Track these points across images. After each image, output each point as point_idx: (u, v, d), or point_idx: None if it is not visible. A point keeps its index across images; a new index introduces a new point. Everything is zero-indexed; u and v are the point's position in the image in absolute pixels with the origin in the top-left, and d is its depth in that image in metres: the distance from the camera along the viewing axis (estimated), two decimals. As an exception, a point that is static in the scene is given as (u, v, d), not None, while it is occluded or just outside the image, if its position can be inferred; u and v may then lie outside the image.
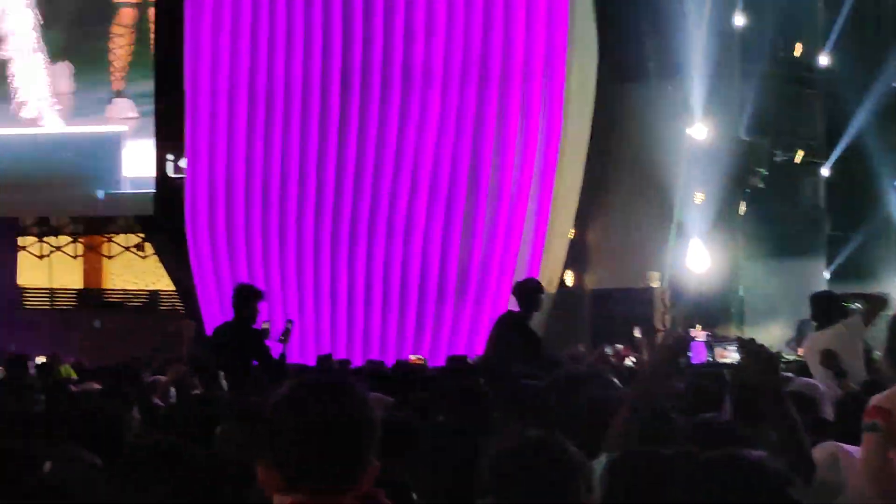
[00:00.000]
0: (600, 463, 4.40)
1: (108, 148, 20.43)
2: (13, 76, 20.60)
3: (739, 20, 18.54)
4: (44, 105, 20.45)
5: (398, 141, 18.04)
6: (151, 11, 20.57)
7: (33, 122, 20.52)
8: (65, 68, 20.47)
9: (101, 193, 20.06)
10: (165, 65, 19.93)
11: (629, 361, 12.06)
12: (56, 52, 20.53)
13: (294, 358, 16.45)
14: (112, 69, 20.62)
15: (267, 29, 18.56)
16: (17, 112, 20.58)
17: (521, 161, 17.79)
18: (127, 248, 24.82)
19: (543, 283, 11.25)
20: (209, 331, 13.26)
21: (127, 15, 20.64)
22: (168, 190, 20.12)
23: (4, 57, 20.63)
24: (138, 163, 20.39)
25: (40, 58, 20.45)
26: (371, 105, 18.13)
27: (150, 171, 20.26)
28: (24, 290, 24.21)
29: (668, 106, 18.40)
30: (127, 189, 20.50)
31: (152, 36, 20.52)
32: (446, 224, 17.96)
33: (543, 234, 17.79)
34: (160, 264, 22.82)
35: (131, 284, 26.40)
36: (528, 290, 9.99)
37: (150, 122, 20.37)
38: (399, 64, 18.03)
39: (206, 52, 18.74)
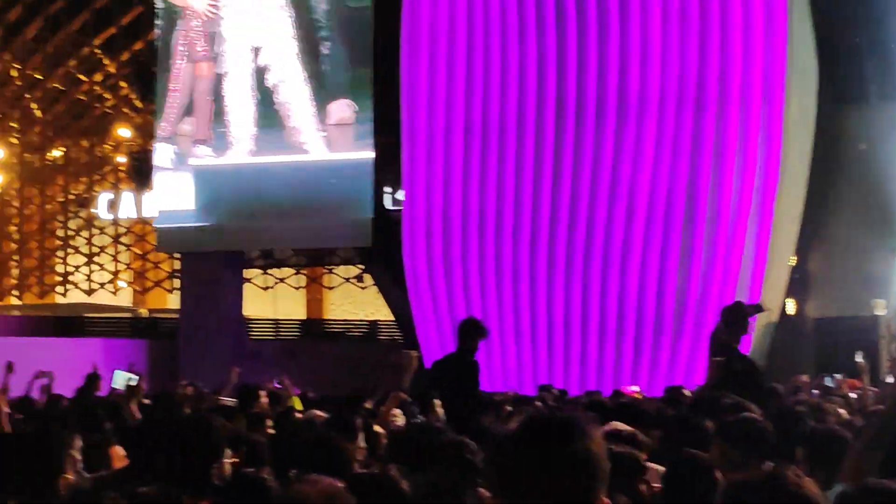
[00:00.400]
0: (832, 493, 4.31)
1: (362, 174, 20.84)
2: (281, 104, 21.27)
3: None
4: (310, 133, 21.02)
5: (613, 168, 17.98)
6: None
7: (300, 148, 21.13)
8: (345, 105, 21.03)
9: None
10: (383, 99, 20.29)
11: (853, 393, 11.73)
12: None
13: (512, 387, 16.57)
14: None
15: (482, 63, 18.75)
16: (287, 138, 21.21)
17: (740, 187, 17.53)
18: (347, 280, 25.32)
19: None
20: (427, 360, 13.43)
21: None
22: (386, 222, 20.47)
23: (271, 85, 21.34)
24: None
25: (305, 89, 21.06)
26: (586, 133, 18.13)
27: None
28: (249, 320, 24.93)
29: (891, 128, 17.91)
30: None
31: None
32: (663, 252, 17.80)
33: (764, 261, 17.47)
34: (378, 296, 23.21)
35: (351, 315, 26.91)
36: (736, 313, 9.83)
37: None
38: (614, 92, 17.99)
39: (422, 87, 19.04)
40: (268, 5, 21.23)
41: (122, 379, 10.34)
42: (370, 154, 20.51)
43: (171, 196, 22.04)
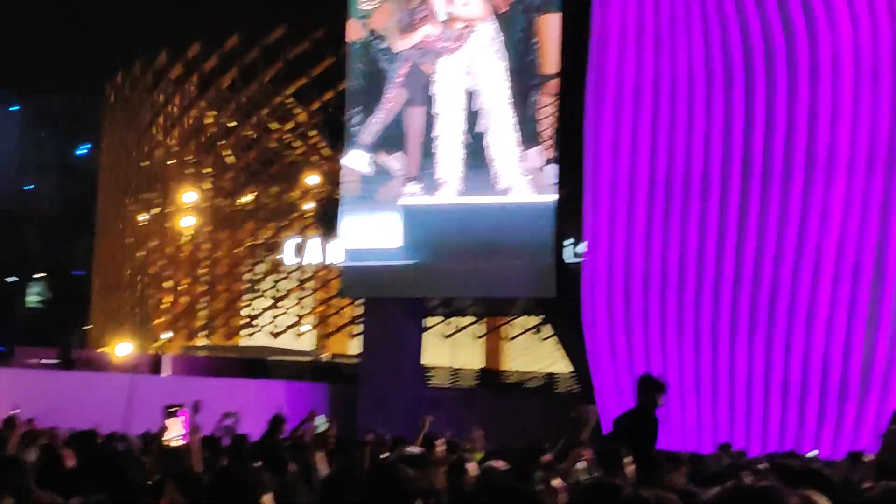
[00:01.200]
0: None
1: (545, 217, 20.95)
2: (488, 148, 21.62)
3: None
4: (514, 177, 21.31)
5: (800, 227, 17.70)
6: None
7: (504, 192, 21.41)
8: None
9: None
10: (567, 150, 20.39)
11: None
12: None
13: (690, 445, 16.36)
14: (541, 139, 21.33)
15: (668, 117, 18.70)
16: (493, 182, 21.52)
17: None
18: (526, 331, 25.39)
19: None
20: (604, 416, 13.38)
21: (553, 85, 21.36)
22: (567, 274, 20.49)
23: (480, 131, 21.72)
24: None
25: (512, 136, 21.40)
26: (772, 192, 17.90)
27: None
28: (428, 368, 25.15)
29: None
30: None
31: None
32: (850, 313, 17.42)
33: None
34: (556, 347, 23.21)
35: (529, 366, 26.95)
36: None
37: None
38: (802, 150, 17.74)
39: (607, 140, 19.06)
40: (484, 52, 21.58)
41: (321, 423, 10.55)
42: (554, 197, 20.65)
43: (361, 235, 22.32)
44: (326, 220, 27.01)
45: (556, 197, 20.71)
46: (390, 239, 21.75)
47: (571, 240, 21.19)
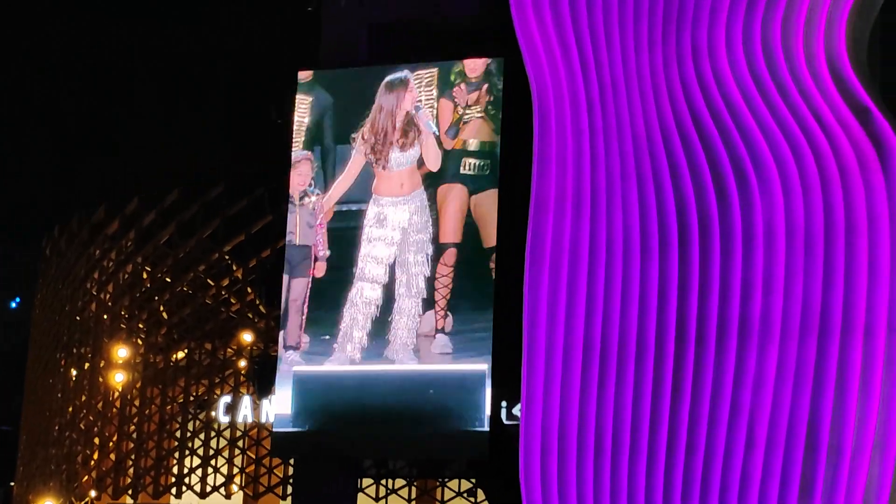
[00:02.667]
0: None
1: (472, 386, 20.94)
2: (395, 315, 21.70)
3: None
4: (406, 345, 21.37)
5: (734, 396, 17.80)
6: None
7: (393, 361, 21.41)
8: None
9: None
10: (502, 313, 20.48)
11: None
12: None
13: None
14: (437, 308, 21.38)
15: (603, 283, 18.85)
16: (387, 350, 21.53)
17: (863, 419, 17.20)
18: (459, 494, 25.10)
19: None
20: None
21: (450, 254, 21.50)
22: (502, 436, 20.37)
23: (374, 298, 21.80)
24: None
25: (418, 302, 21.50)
26: (706, 358, 18.02)
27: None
28: (359, 530, 24.74)
29: None
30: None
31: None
32: (783, 484, 17.45)
33: (886, 498, 17.01)
34: (491, 511, 22.95)
35: (461, 530, 26.54)
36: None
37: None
38: (736, 317, 17.93)
39: (543, 304, 19.15)
40: (405, 223, 21.80)
41: None
42: (483, 366, 20.67)
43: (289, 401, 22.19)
44: (260, 379, 26.80)
45: (482, 364, 20.76)
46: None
47: (505, 403, 21.16)
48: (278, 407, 22.51)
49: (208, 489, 29.03)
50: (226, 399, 28.44)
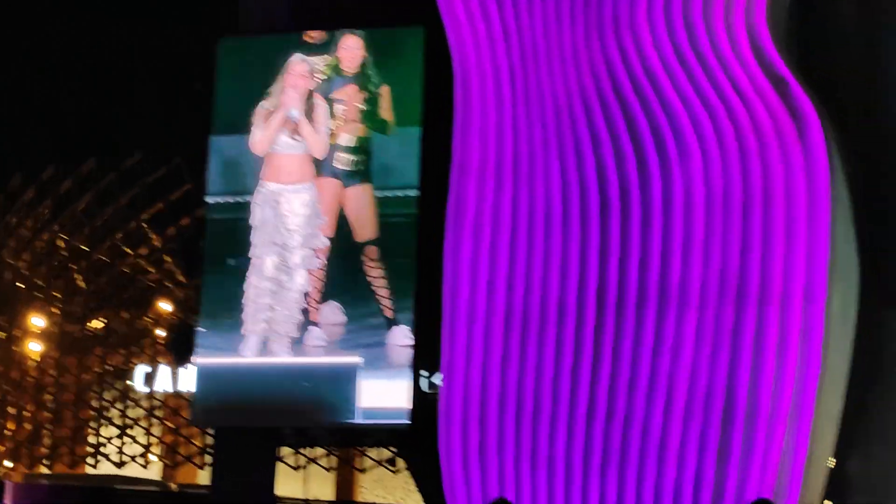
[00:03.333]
0: None
1: (344, 379, 20.88)
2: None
3: None
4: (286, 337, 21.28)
5: (653, 363, 17.95)
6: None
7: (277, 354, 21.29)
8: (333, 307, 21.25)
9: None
10: (424, 287, 20.46)
11: None
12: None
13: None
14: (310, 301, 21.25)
15: (524, 250, 18.92)
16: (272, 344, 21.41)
17: (779, 386, 17.43)
18: (379, 463, 25.17)
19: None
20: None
21: (372, 250, 21.39)
22: (422, 404, 20.40)
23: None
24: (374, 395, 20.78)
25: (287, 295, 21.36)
26: (626, 326, 18.16)
27: (385, 403, 20.53)
28: (280, 499, 24.69)
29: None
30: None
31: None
32: (701, 450, 17.63)
33: (802, 462, 17.27)
34: (409, 479, 23.01)
35: (381, 499, 26.65)
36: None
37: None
38: (655, 285, 18.08)
39: (464, 272, 19.19)
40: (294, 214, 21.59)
41: None
42: (356, 359, 20.66)
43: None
44: (178, 348, 26.63)
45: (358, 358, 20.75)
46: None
47: (426, 373, 21.18)
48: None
49: (125, 459, 28.83)
50: (144, 368, 28.22)
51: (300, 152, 21.57)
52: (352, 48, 21.71)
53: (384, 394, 20.49)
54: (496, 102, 19.54)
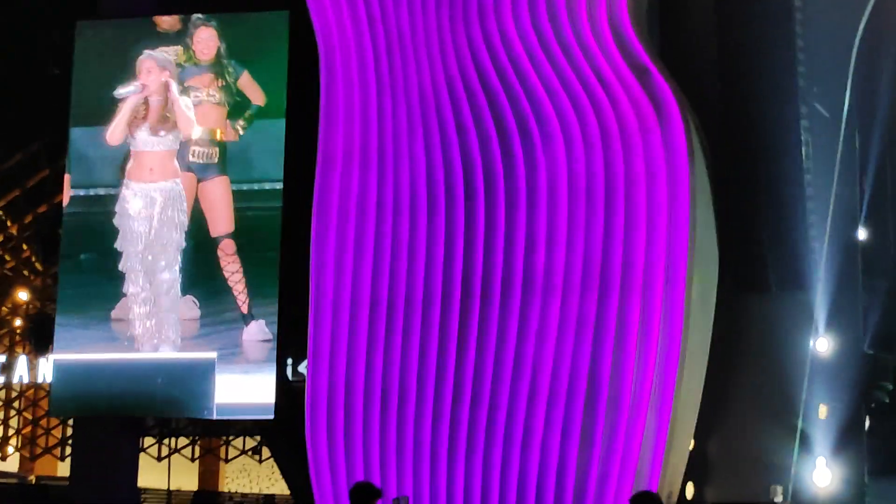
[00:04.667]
0: None
1: (200, 375, 20.67)
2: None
3: (862, 234, 18.52)
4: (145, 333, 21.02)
5: (517, 350, 18.07)
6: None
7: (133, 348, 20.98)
8: (189, 301, 21.00)
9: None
10: (288, 277, 20.34)
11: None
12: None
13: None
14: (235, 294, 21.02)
15: (390, 240, 18.90)
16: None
17: (641, 371, 17.67)
18: (244, 452, 24.99)
19: (662, 496, 11.05)
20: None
21: (228, 245, 21.17)
22: (287, 394, 20.31)
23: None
24: (232, 390, 20.60)
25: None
26: (491, 313, 18.25)
27: (243, 399, 20.37)
28: (143, 490, 24.40)
29: (790, 317, 18.30)
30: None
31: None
32: (564, 435, 17.80)
33: (663, 445, 17.52)
34: (275, 469, 22.89)
35: (246, 488, 26.50)
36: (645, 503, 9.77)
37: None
38: (520, 272, 18.20)
39: (329, 262, 19.11)
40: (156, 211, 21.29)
41: None
42: (211, 355, 20.48)
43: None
44: (37, 337, 26.12)
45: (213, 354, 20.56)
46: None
47: (291, 360, 21.09)
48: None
49: (-18, 451, 28.21)
50: (0, 359, 27.62)
51: (163, 149, 21.26)
52: (205, 40, 21.45)
53: (242, 389, 20.33)
54: (361, 89, 19.47)
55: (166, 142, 21.15)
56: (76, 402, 21.50)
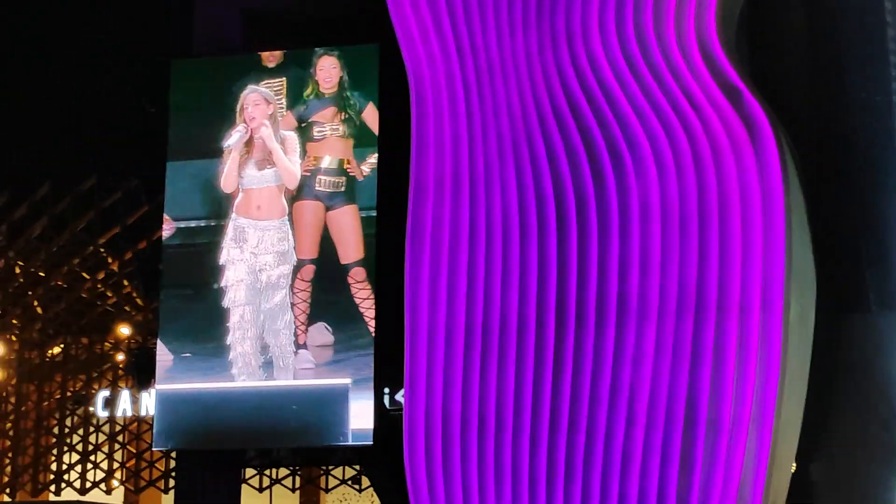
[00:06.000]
0: None
1: (334, 401, 20.85)
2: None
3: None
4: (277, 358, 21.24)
5: (614, 374, 17.98)
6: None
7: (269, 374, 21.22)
8: (321, 328, 21.21)
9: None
10: (385, 303, 20.47)
11: None
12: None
13: None
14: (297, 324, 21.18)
15: (483, 265, 18.93)
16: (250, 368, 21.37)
17: (740, 394, 17.49)
18: (344, 482, 25.11)
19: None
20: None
21: (308, 270, 21.39)
22: (386, 423, 20.39)
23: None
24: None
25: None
26: (586, 339, 18.18)
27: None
28: (244, 521, 24.59)
29: (892, 338, 18.00)
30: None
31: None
32: (664, 459, 17.67)
33: (765, 469, 17.32)
34: (376, 498, 22.95)
35: (348, 517, 26.58)
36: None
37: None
38: (614, 297, 18.13)
39: (424, 288, 19.18)
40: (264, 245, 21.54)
41: None
42: (346, 380, 20.61)
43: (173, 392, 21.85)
44: (138, 372, 26.51)
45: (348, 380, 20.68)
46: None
47: (388, 389, 21.20)
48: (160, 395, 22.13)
49: (88, 485, 28.65)
50: (104, 393, 28.07)
51: (271, 185, 21.54)
52: (328, 69, 21.72)
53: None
54: (451, 118, 19.56)
55: (273, 177, 21.44)
56: (182, 433, 21.77)
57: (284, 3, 23.36)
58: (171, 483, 26.56)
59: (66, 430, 29.65)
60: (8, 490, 29.91)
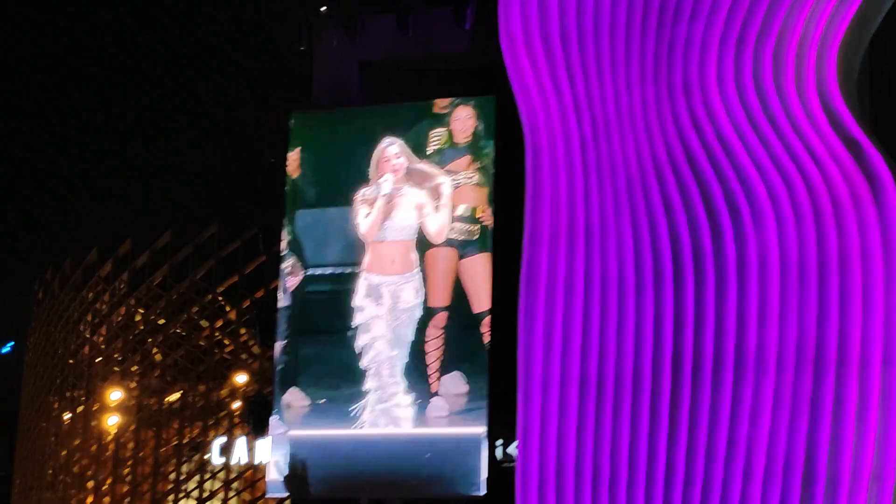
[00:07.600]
0: None
1: (467, 451, 20.83)
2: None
3: None
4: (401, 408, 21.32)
5: (730, 429, 17.77)
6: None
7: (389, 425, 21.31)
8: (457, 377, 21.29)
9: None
10: (498, 352, 20.45)
11: None
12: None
13: None
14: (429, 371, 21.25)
15: (598, 317, 18.87)
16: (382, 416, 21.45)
17: (860, 450, 17.18)
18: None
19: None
20: None
21: (441, 318, 21.44)
22: (498, 475, 20.30)
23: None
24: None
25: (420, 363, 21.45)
26: (702, 392, 18.01)
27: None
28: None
29: None
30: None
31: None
32: (781, 513, 17.42)
33: (886, 526, 16.98)
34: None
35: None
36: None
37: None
38: (731, 350, 17.94)
39: (538, 337, 19.16)
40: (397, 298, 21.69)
41: None
42: (480, 430, 20.60)
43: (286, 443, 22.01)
44: (254, 419, 26.71)
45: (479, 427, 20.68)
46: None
47: (501, 441, 21.11)
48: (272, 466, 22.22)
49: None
50: (220, 440, 28.36)
51: (404, 238, 21.66)
52: (463, 119, 21.86)
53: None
54: (567, 171, 19.58)
55: (412, 231, 21.55)
56: (298, 480, 21.88)
57: (401, 55, 23.56)
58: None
59: (183, 477, 29.99)
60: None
